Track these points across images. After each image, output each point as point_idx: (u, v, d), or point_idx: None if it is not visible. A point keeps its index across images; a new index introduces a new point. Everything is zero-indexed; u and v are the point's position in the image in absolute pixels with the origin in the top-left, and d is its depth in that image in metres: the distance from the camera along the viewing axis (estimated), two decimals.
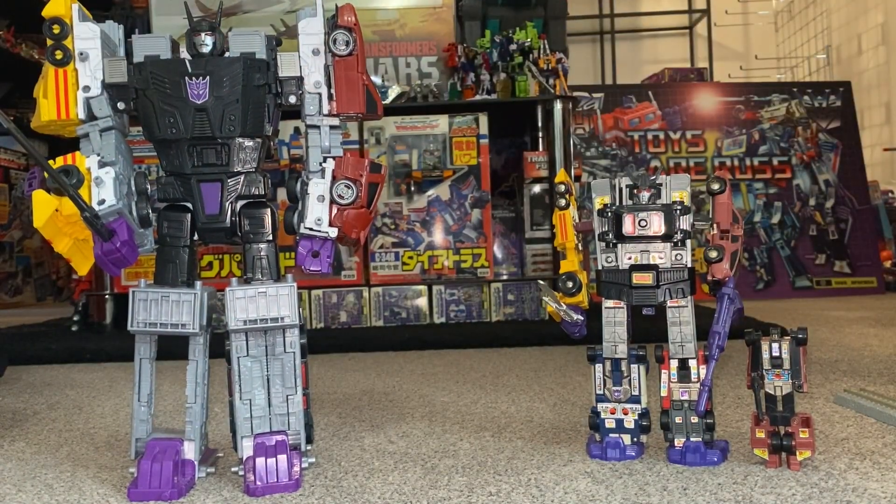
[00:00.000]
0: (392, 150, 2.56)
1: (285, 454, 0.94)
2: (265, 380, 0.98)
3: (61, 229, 0.95)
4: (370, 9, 2.87)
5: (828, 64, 5.27)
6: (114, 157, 0.96)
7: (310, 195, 0.98)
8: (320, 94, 0.99)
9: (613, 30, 5.67)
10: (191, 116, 0.94)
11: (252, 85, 0.95)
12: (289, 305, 0.96)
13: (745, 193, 3.65)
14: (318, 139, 1.00)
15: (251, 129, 0.96)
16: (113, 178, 0.95)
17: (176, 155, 0.97)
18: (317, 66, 0.98)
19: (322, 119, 0.99)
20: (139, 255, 0.98)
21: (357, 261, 2.52)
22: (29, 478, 1.03)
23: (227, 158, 0.97)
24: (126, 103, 0.97)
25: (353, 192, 0.98)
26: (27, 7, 2.81)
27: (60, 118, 0.97)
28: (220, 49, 0.96)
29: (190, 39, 0.95)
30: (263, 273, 0.98)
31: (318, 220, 0.98)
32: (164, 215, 0.99)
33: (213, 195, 0.98)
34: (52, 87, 0.97)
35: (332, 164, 0.99)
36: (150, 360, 0.99)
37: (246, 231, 0.99)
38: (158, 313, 0.95)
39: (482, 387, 1.57)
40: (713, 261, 0.97)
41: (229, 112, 0.95)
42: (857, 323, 2.43)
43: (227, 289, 0.96)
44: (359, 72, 0.99)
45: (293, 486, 0.93)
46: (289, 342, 0.98)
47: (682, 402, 1.01)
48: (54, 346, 2.22)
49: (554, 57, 2.68)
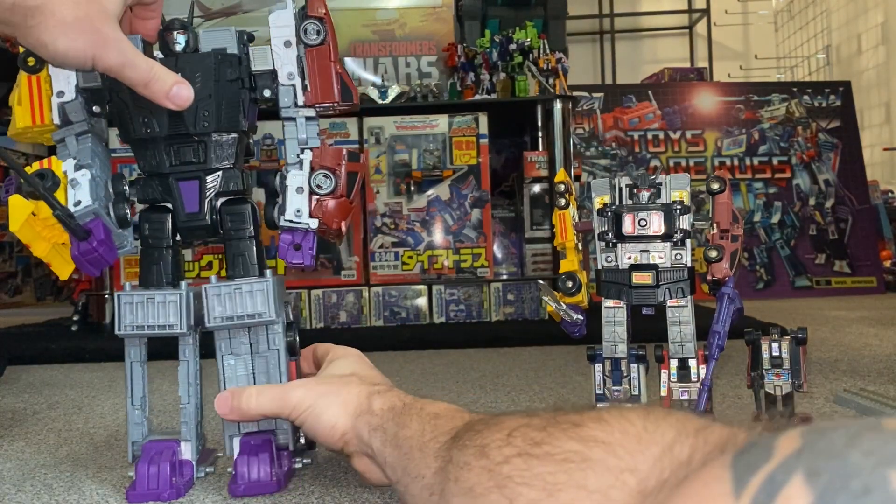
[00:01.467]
0: (392, 150, 2.56)
1: (268, 453, 0.93)
2: (251, 378, 0.98)
3: (39, 233, 0.94)
4: (370, 8, 2.87)
5: (828, 64, 5.28)
6: (90, 160, 0.96)
7: (288, 187, 0.97)
8: (294, 86, 0.98)
9: (613, 30, 5.67)
10: (165, 114, 0.93)
11: (224, 80, 0.95)
12: (266, 301, 0.95)
13: (745, 193, 3.65)
14: (295, 131, 0.99)
15: (226, 123, 0.95)
16: (89, 180, 0.94)
17: (153, 154, 0.96)
18: (289, 58, 0.97)
19: (297, 111, 0.98)
20: (118, 255, 0.98)
21: (357, 260, 2.52)
22: (28, 478, 1.03)
23: (205, 155, 0.96)
24: (101, 106, 0.97)
25: (332, 182, 0.97)
26: None
27: (35, 124, 0.96)
28: (192, 47, 0.95)
29: (163, 39, 0.95)
30: (245, 270, 0.97)
31: (298, 211, 0.97)
32: (144, 216, 0.99)
33: (192, 193, 0.97)
34: (25, 93, 0.96)
35: (309, 156, 0.98)
36: (140, 363, 0.99)
37: (227, 228, 0.98)
38: (145, 315, 0.95)
39: (482, 387, 1.57)
40: (713, 260, 0.97)
41: (203, 107, 0.94)
42: (857, 323, 2.43)
43: (203, 286, 0.95)
44: (331, 60, 0.98)
45: (275, 485, 0.92)
46: (272, 339, 0.97)
47: (682, 401, 1.00)
48: (54, 346, 2.22)
49: (554, 57, 2.68)
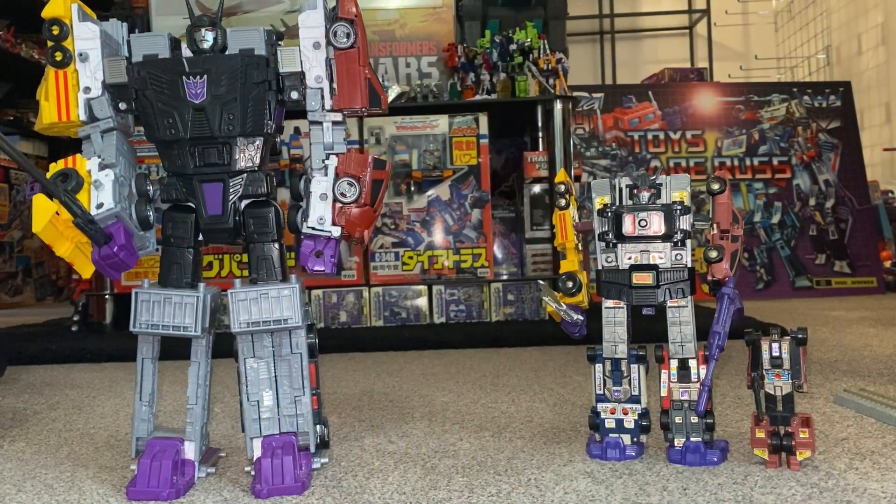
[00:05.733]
0: (392, 150, 2.56)
1: (291, 456, 0.93)
2: (273, 381, 0.97)
3: (62, 233, 0.94)
4: (370, 9, 2.87)
5: (828, 64, 5.27)
6: (114, 158, 0.95)
7: (312, 193, 0.96)
8: (322, 89, 0.97)
9: (613, 30, 5.67)
10: (189, 116, 0.93)
11: (251, 82, 0.93)
12: (292, 307, 0.95)
13: (745, 193, 3.65)
14: (321, 135, 0.98)
15: (251, 127, 0.95)
16: (112, 181, 0.94)
17: (178, 155, 0.96)
18: (318, 61, 0.96)
19: (324, 115, 0.97)
20: (139, 258, 0.97)
21: (357, 261, 2.52)
22: (29, 478, 1.03)
23: (229, 158, 0.95)
24: (127, 103, 0.96)
25: (356, 191, 0.96)
26: (27, 7, 2.81)
27: (61, 120, 0.96)
28: (220, 45, 0.94)
29: (190, 36, 0.94)
30: (269, 273, 0.97)
31: (321, 219, 0.96)
32: (168, 216, 0.98)
33: (215, 195, 0.97)
34: (52, 89, 0.96)
35: (335, 162, 0.97)
36: (152, 360, 0.99)
37: (250, 231, 0.98)
38: (161, 315, 0.95)
39: (482, 387, 1.57)
40: (713, 261, 0.97)
41: (227, 111, 0.93)
42: (857, 323, 2.43)
43: (229, 290, 0.95)
44: (360, 65, 0.97)
45: (299, 488, 0.92)
46: (295, 343, 0.97)
47: (682, 402, 1.01)
48: (54, 346, 2.22)
49: (554, 57, 2.68)
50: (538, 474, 0.97)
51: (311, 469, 0.97)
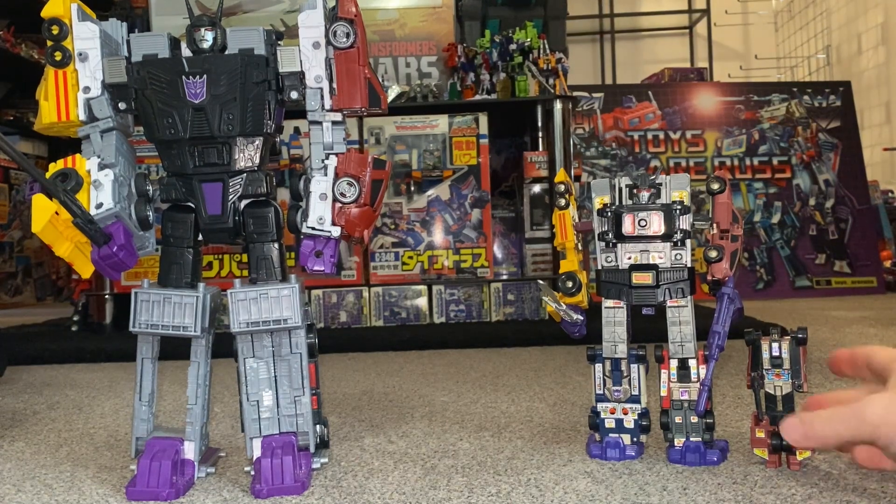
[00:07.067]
0: (392, 150, 2.56)
1: (291, 456, 0.93)
2: (272, 381, 0.97)
3: (62, 233, 0.94)
4: (370, 9, 2.87)
5: (828, 64, 5.27)
6: (114, 158, 0.95)
7: (312, 193, 0.96)
8: (321, 89, 0.97)
9: (613, 30, 5.67)
10: (189, 116, 0.92)
11: (250, 82, 0.93)
12: (291, 306, 0.95)
13: (745, 193, 3.65)
14: (321, 135, 0.98)
15: (251, 127, 0.95)
16: (112, 181, 0.94)
17: (177, 155, 0.96)
18: (318, 60, 0.96)
19: (324, 115, 0.97)
20: (139, 258, 0.97)
21: (357, 261, 2.52)
22: (28, 478, 1.03)
23: (229, 158, 0.95)
24: (127, 103, 0.96)
25: (356, 190, 0.96)
26: (27, 7, 2.81)
27: (61, 120, 0.96)
28: (220, 45, 0.94)
29: (190, 35, 0.93)
30: (269, 273, 0.97)
31: (321, 218, 0.96)
32: (167, 216, 0.98)
33: (215, 195, 0.97)
34: (52, 88, 0.95)
35: (334, 161, 0.97)
36: (152, 360, 0.99)
37: (250, 231, 0.98)
38: (160, 315, 0.95)
39: (482, 387, 1.57)
40: (713, 260, 0.97)
41: (227, 111, 0.93)
42: (857, 323, 2.43)
43: (229, 290, 0.95)
44: (360, 64, 0.97)
45: (299, 488, 0.92)
46: (294, 343, 0.97)
47: (682, 401, 1.01)
48: (54, 346, 2.22)
49: (554, 57, 2.68)
50: (538, 474, 0.97)
51: (310, 469, 0.97)
